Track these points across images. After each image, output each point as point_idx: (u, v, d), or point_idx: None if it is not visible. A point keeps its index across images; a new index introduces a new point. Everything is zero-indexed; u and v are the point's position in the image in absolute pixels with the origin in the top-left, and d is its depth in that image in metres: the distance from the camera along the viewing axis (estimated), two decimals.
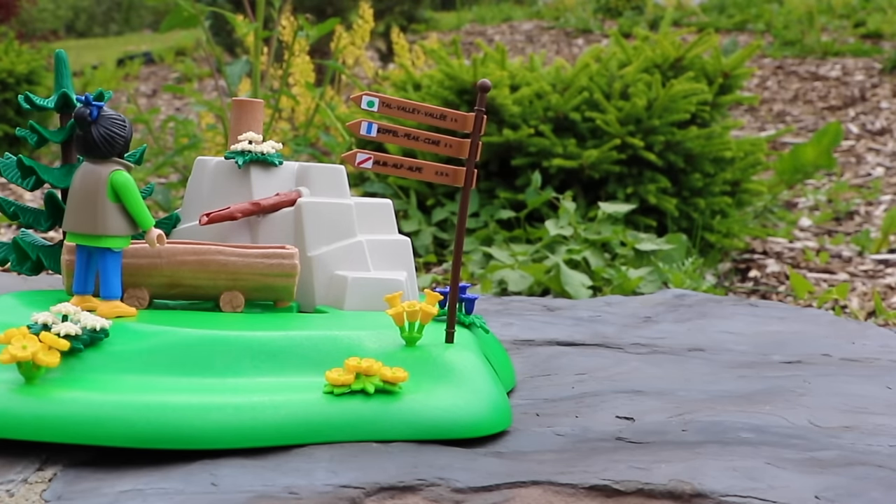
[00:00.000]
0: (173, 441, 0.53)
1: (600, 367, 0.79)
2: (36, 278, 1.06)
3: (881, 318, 1.55)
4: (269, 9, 2.21)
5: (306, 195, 0.77)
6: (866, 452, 0.56)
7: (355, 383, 0.57)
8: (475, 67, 2.02)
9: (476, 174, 0.64)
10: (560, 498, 0.49)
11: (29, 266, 0.75)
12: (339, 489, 0.49)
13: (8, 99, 3.18)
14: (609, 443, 0.58)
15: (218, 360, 0.60)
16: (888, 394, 0.71)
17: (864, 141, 3.21)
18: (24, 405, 0.53)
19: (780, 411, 0.64)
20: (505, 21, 6.06)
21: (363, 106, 0.62)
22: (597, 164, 1.90)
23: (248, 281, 0.70)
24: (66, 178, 0.73)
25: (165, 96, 4.82)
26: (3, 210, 0.74)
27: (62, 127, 0.74)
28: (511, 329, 0.96)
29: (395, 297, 0.63)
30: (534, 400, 0.69)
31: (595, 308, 1.09)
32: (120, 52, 6.05)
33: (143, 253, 0.69)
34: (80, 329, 0.58)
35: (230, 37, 3.87)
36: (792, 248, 2.12)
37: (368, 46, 4.66)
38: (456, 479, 0.50)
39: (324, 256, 0.75)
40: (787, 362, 0.83)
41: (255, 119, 0.81)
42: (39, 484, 0.51)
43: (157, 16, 8.43)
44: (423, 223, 1.95)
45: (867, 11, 4.84)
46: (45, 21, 8.87)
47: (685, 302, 1.13)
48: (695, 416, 0.63)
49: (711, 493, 0.48)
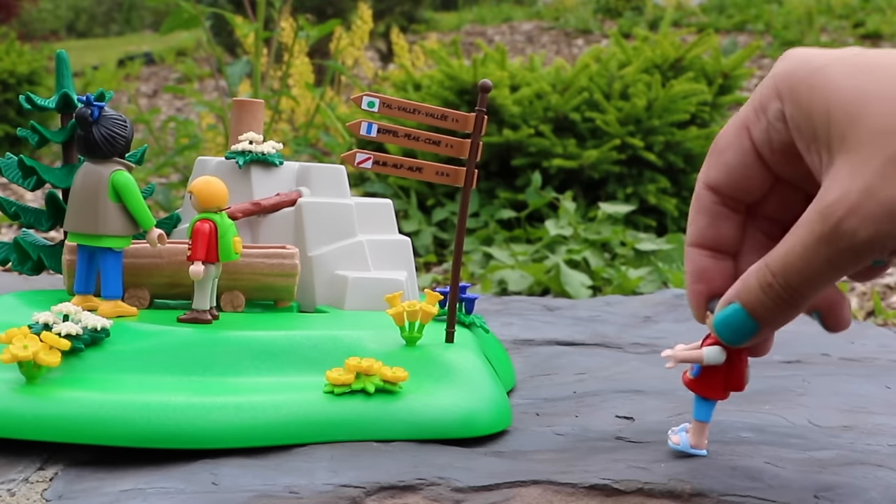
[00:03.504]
0: (174, 440, 0.53)
1: (600, 367, 0.80)
2: (37, 278, 1.06)
3: (880, 317, 1.55)
4: (269, 10, 2.21)
5: (307, 195, 0.77)
6: (865, 452, 0.56)
7: (356, 383, 0.57)
8: (475, 68, 2.02)
9: (476, 174, 0.64)
10: (560, 497, 0.49)
11: (30, 266, 0.75)
12: (339, 488, 0.49)
13: (9, 99, 3.18)
14: (609, 442, 0.58)
15: (218, 359, 0.60)
16: (887, 393, 0.71)
17: None
18: (25, 405, 0.53)
19: (779, 411, 0.64)
20: (505, 21, 6.06)
21: (363, 106, 0.62)
22: (597, 164, 1.90)
23: (248, 281, 0.70)
24: (67, 178, 0.73)
25: (166, 96, 4.83)
26: (4, 210, 0.74)
27: (63, 127, 0.74)
28: (511, 329, 0.96)
29: (395, 297, 0.63)
30: (534, 400, 0.69)
31: (595, 308, 1.10)
32: (121, 53, 6.05)
33: (144, 253, 0.69)
34: (82, 329, 0.58)
35: (231, 37, 3.87)
36: None
37: (368, 47, 4.66)
38: (456, 479, 0.50)
39: (324, 256, 0.75)
40: (786, 362, 0.83)
41: (256, 119, 0.81)
42: (40, 483, 0.51)
43: (157, 16, 8.43)
44: (423, 223, 1.95)
45: (866, 12, 4.84)
46: (46, 21, 8.88)
47: (685, 302, 1.13)
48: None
49: (711, 493, 0.48)
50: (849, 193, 0.40)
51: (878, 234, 0.40)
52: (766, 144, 0.46)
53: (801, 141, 0.44)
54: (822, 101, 0.42)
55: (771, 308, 0.45)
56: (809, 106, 0.42)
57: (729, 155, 0.47)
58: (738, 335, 0.47)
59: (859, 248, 0.41)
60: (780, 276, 0.44)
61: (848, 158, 0.41)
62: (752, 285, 0.45)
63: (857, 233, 0.40)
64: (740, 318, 0.46)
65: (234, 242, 0.65)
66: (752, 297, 0.45)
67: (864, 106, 0.41)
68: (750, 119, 0.46)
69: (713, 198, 0.48)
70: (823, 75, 0.42)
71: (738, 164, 0.47)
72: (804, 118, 0.43)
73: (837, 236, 0.41)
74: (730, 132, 0.47)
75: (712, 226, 0.49)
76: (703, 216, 0.49)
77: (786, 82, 0.44)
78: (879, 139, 0.40)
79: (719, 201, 0.48)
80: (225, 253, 0.64)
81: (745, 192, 0.48)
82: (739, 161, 0.47)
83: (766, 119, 0.45)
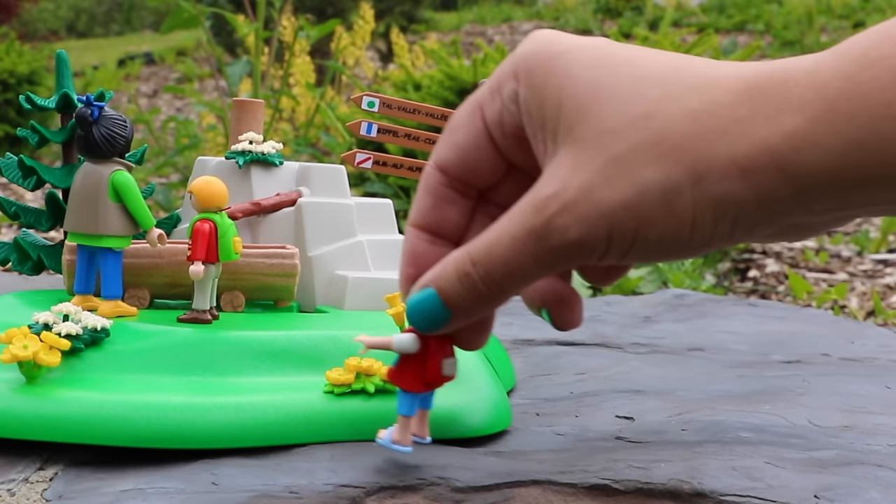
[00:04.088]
0: (174, 440, 0.53)
1: (600, 367, 0.80)
2: (37, 278, 1.06)
3: (880, 317, 1.55)
4: (269, 9, 2.21)
5: (307, 195, 0.77)
6: (865, 452, 0.56)
7: (356, 383, 0.57)
8: (475, 68, 2.02)
9: None
10: (560, 497, 0.49)
11: (30, 266, 0.75)
12: (339, 488, 0.49)
13: (9, 99, 3.18)
14: (609, 442, 0.58)
15: (218, 359, 0.60)
16: (887, 393, 0.71)
17: None
18: (25, 405, 0.53)
19: (779, 411, 0.64)
20: (505, 21, 6.06)
21: (364, 106, 0.62)
22: None
23: (248, 281, 0.70)
24: (67, 178, 0.73)
25: (166, 96, 4.83)
26: (4, 210, 0.74)
27: (63, 127, 0.74)
28: (511, 329, 0.96)
29: (395, 297, 0.63)
30: (534, 399, 0.69)
31: (595, 308, 1.10)
32: (121, 53, 6.05)
33: (144, 253, 0.69)
34: (82, 329, 0.58)
35: (231, 37, 3.87)
36: (791, 247, 2.12)
37: (369, 47, 4.66)
38: (456, 479, 0.50)
39: (324, 256, 0.75)
40: (786, 362, 0.83)
41: (256, 119, 0.81)
42: (40, 483, 0.51)
43: (157, 16, 8.43)
44: None
45: (866, 12, 4.84)
46: (46, 21, 8.88)
47: (685, 302, 1.13)
48: (694, 416, 0.63)
49: (711, 493, 0.48)
50: (566, 189, 0.38)
51: (588, 236, 0.38)
52: (499, 127, 0.43)
53: (529, 126, 0.41)
54: (556, 88, 0.40)
55: (466, 298, 0.42)
56: (543, 91, 0.40)
57: (460, 135, 0.44)
58: (429, 322, 0.44)
59: (568, 247, 0.38)
60: (480, 266, 0.41)
61: (571, 152, 0.39)
62: (450, 272, 0.42)
63: (568, 231, 0.38)
64: (433, 304, 0.43)
65: (234, 242, 0.65)
66: (447, 284, 0.42)
67: (597, 101, 0.38)
68: (485, 99, 0.43)
69: (441, 179, 0.45)
70: (562, 62, 0.40)
71: (470, 146, 0.44)
72: (536, 103, 0.40)
73: (548, 232, 0.39)
74: (464, 111, 0.44)
75: (436, 208, 0.45)
76: (428, 197, 0.45)
77: (524, 63, 0.41)
78: (605, 137, 0.38)
79: (447, 183, 0.45)
80: (225, 253, 0.64)
81: (476, 175, 0.45)
82: (471, 143, 0.44)
83: (500, 99, 0.42)
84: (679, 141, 0.37)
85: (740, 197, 0.37)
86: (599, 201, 0.38)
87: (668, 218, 0.38)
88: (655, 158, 0.37)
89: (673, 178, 0.37)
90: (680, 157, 0.37)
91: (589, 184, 0.38)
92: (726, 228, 0.38)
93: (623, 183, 0.37)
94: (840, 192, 0.36)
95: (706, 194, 0.37)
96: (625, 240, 0.38)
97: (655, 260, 0.40)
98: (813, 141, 0.35)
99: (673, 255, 0.39)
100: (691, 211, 0.37)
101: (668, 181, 0.37)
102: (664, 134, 0.37)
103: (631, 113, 0.38)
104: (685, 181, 0.37)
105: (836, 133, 0.35)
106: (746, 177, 0.36)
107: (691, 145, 0.37)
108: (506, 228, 0.40)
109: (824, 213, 0.38)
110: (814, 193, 0.36)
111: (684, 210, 0.37)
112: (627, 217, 0.37)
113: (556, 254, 0.39)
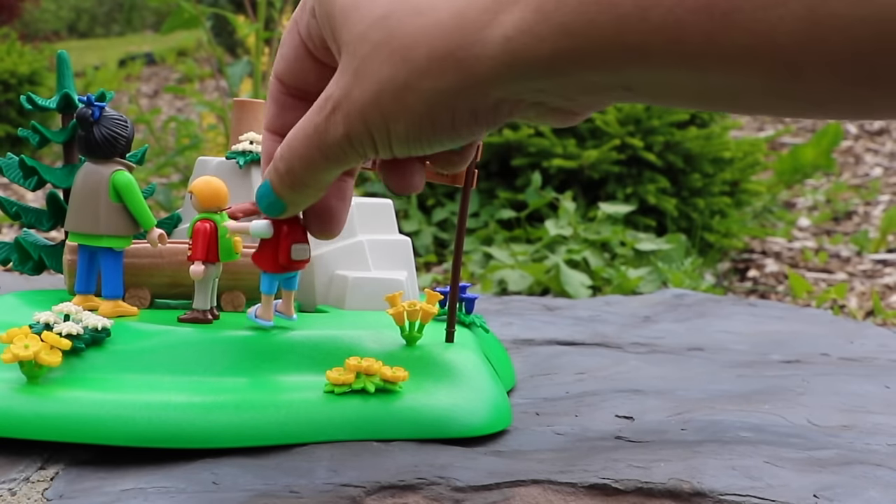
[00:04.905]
0: (175, 440, 0.53)
1: (600, 367, 0.80)
2: (38, 278, 1.07)
3: (879, 317, 1.55)
4: (270, 9, 2.21)
5: None
6: (865, 451, 0.56)
7: (356, 382, 0.57)
8: None
9: (476, 174, 0.64)
10: (560, 497, 0.49)
11: (31, 266, 0.75)
12: (339, 488, 0.49)
13: (10, 99, 3.18)
14: (608, 442, 0.58)
15: (218, 359, 0.60)
16: (886, 393, 0.71)
17: (862, 141, 3.21)
18: (26, 404, 0.53)
19: (778, 410, 0.64)
20: None
21: None
22: (596, 164, 1.90)
23: (249, 280, 0.70)
24: (67, 178, 0.73)
25: (167, 97, 4.83)
26: (5, 210, 0.75)
27: (64, 127, 0.74)
28: (511, 329, 0.96)
29: (395, 297, 0.63)
30: (534, 399, 0.69)
31: (595, 308, 1.10)
32: (121, 53, 6.05)
33: (145, 253, 0.69)
34: (82, 328, 0.58)
35: (231, 37, 3.87)
36: (791, 247, 2.12)
37: None
38: (456, 478, 0.50)
39: (324, 256, 0.76)
40: (785, 361, 0.83)
41: (257, 119, 0.81)
42: (41, 483, 0.51)
43: (158, 17, 8.44)
44: (423, 223, 1.95)
45: None
46: (47, 22, 8.88)
47: (684, 302, 1.13)
48: (694, 416, 0.63)
49: (710, 492, 0.49)
50: (337, 89, 0.42)
51: (353, 131, 0.41)
52: (310, 39, 0.47)
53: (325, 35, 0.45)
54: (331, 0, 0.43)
55: (281, 187, 0.47)
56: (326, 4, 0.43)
57: (286, 49, 0.48)
58: (270, 208, 0.49)
59: (342, 141, 0.42)
60: (285, 160, 0.46)
61: (343, 57, 0.42)
62: (271, 166, 0.47)
63: (339, 127, 0.42)
64: (268, 193, 0.48)
65: (235, 242, 0.65)
66: (271, 176, 0.47)
67: (354, 7, 0.41)
68: (298, 13, 0.47)
69: (281, 87, 0.50)
70: None
71: (293, 58, 0.48)
72: (324, 15, 0.44)
73: (326, 128, 0.43)
74: (287, 26, 0.49)
75: (280, 115, 0.50)
76: (274, 105, 0.50)
77: None
78: (357, 41, 0.41)
79: (285, 91, 0.50)
80: (225, 253, 0.64)
81: (305, 82, 0.49)
82: (293, 54, 0.48)
83: (307, 13, 0.46)
84: (407, 39, 0.39)
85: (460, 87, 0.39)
86: (355, 100, 0.41)
87: (407, 112, 0.40)
88: (388, 56, 0.40)
89: (401, 76, 0.39)
90: (407, 53, 0.39)
91: (347, 85, 0.41)
92: (466, 118, 0.40)
93: (367, 82, 0.40)
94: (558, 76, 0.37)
95: (434, 88, 0.39)
96: (381, 134, 0.41)
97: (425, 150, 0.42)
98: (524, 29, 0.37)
99: (436, 146, 0.42)
100: (425, 105, 0.40)
101: (398, 78, 0.39)
102: (394, 33, 0.40)
103: (374, 14, 0.40)
104: (412, 77, 0.39)
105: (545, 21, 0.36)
106: (462, 68, 0.38)
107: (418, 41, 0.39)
108: (300, 126, 0.45)
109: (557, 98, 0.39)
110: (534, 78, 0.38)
111: (417, 104, 0.40)
112: (376, 114, 0.40)
113: (335, 148, 0.43)
